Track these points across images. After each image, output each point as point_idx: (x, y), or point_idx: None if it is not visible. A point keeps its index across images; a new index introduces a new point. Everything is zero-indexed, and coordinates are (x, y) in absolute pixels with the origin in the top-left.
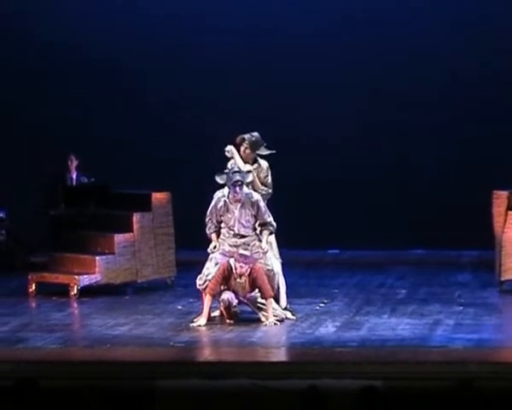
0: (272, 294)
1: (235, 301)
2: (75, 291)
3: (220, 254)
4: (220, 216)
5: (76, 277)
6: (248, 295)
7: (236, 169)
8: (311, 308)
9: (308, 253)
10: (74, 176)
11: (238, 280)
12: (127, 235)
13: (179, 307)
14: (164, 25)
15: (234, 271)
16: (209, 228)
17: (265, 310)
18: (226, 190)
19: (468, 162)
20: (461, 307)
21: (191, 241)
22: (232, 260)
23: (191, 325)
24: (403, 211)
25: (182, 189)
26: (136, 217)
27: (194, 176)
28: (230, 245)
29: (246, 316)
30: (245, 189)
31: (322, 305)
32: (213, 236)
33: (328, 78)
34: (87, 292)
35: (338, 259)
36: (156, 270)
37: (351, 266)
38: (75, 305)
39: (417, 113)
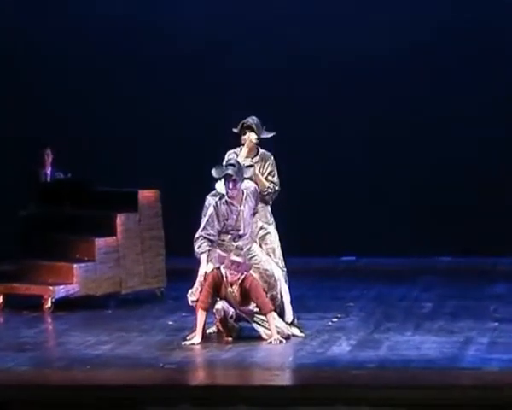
0: (272, 308)
1: (231, 311)
2: (49, 304)
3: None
4: (226, 220)
5: (50, 288)
6: (243, 308)
7: (232, 162)
8: (322, 324)
9: (319, 260)
10: (49, 171)
11: (229, 289)
12: (110, 239)
13: (170, 323)
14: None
15: (224, 279)
16: (200, 246)
17: (266, 327)
18: (219, 189)
19: (501, 166)
20: (496, 324)
21: (184, 246)
22: (223, 268)
23: (184, 343)
24: (428, 212)
25: (172, 187)
26: (120, 218)
27: (186, 174)
28: (222, 250)
29: (246, 333)
30: (244, 183)
31: (335, 320)
32: (203, 257)
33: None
34: (63, 305)
35: (354, 267)
36: (143, 280)
37: (368, 275)
38: (49, 320)
39: (443, 113)
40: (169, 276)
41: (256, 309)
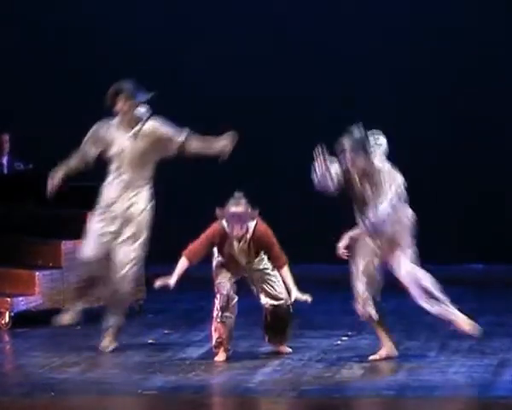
0: (286, 260)
1: (235, 298)
2: (7, 319)
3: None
4: None
5: (8, 299)
6: (254, 266)
7: None
8: (329, 343)
9: (327, 268)
10: (5, 161)
11: (239, 245)
12: (79, 242)
13: (150, 342)
14: None
15: (230, 236)
16: None
17: (276, 295)
18: None
19: None
20: None
21: (166, 252)
22: (225, 225)
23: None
24: (456, 215)
25: (154, 186)
26: (91, 217)
27: (169, 172)
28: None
29: (240, 352)
30: None
31: (345, 339)
32: None
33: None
34: (23, 320)
35: None
36: None
37: (385, 285)
38: (6, 338)
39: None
40: (149, 286)
41: (267, 266)
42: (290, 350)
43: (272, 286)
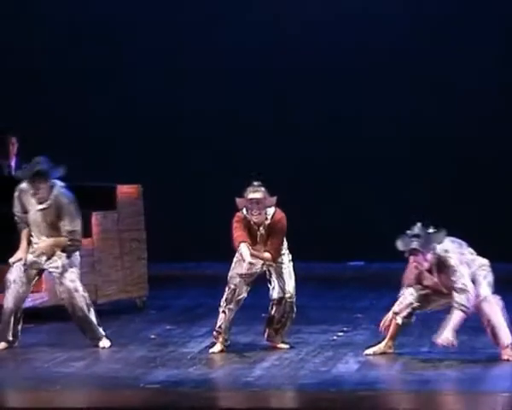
0: (276, 258)
1: (242, 294)
2: None
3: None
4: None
5: None
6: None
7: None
8: (326, 338)
9: (324, 266)
10: (13, 163)
11: (261, 233)
12: (84, 241)
13: (152, 337)
14: None
15: (251, 222)
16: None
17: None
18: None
19: None
20: None
21: (169, 250)
22: (246, 213)
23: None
24: (449, 212)
25: (156, 182)
26: (95, 217)
27: (171, 169)
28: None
29: (240, 347)
30: None
31: (341, 334)
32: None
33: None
34: (30, 316)
35: (362, 273)
36: (122, 287)
37: (379, 282)
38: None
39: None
40: (151, 283)
41: (282, 260)
42: (288, 347)
43: (284, 279)
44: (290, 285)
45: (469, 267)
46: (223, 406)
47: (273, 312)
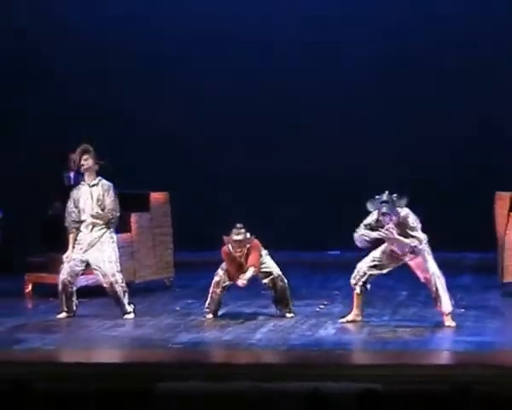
0: (257, 265)
1: (226, 282)
2: None
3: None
4: None
5: None
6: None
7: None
8: (311, 310)
9: (308, 254)
10: (72, 175)
11: (242, 258)
12: (125, 235)
13: (177, 309)
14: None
15: (234, 254)
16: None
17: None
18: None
19: (469, 163)
20: (462, 310)
21: (190, 242)
22: (231, 248)
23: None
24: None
25: (180, 189)
26: (134, 217)
27: (192, 176)
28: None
29: (244, 316)
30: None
31: (322, 307)
32: None
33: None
34: (84, 293)
35: (339, 260)
36: (154, 271)
37: (352, 267)
38: None
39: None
40: (177, 267)
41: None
42: (293, 315)
43: (266, 267)
44: (273, 267)
45: None
46: (232, 361)
47: (273, 293)
